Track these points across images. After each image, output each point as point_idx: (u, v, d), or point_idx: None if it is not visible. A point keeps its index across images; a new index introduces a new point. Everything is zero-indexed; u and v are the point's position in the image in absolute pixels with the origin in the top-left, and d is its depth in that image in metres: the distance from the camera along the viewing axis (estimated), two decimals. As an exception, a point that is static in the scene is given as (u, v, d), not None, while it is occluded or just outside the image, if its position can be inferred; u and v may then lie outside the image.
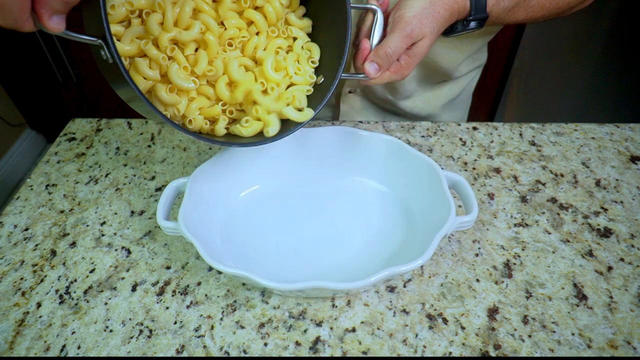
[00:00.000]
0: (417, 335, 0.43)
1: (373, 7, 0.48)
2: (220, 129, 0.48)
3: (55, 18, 0.29)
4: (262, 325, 0.44)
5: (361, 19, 0.51)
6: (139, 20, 0.43)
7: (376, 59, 0.47)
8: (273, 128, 0.46)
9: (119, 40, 0.42)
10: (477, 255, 0.50)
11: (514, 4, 0.53)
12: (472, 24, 0.52)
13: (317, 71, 0.51)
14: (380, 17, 0.48)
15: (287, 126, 0.48)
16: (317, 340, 0.43)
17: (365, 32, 0.50)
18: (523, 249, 0.50)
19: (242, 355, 0.42)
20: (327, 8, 0.49)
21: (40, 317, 0.45)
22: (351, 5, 0.47)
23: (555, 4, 0.56)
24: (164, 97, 0.43)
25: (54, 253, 0.51)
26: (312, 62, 0.50)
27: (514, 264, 0.49)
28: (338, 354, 0.42)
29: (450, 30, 0.53)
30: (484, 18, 0.52)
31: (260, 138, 0.47)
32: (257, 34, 0.49)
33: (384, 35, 0.49)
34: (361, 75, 0.49)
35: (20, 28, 0.29)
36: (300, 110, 0.48)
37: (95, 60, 0.39)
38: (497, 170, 0.60)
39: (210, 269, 0.49)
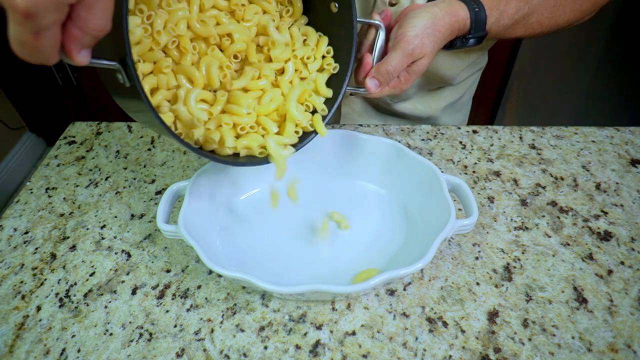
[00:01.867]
0: (417, 339, 0.43)
1: (377, 22, 0.48)
2: (228, 146, 0.46)
3: (83, 52, 0.30)
4: (262, 328, 0.44)
5: (362, 32, 0.51)
6: (150, 40, 0.43)
7: (377, 76, 0.48)
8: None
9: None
10: (477, 258, 0.50)
11: (513, 22, 0.54)
12: (471, 41, 0.53)
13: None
14: (382, 32, 0.49)
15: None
16: (317, 343, 0.43)
17: (367, 47, 0.50)
18: (523, 252, 0.50)
19: (242, 358, 0.42)
20: (333, 22, 0.49)
21: (40, 320, 0.45)
22: (357, 19, 0.47)
23: (554, 22, 0.57)
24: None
25: (54, 256, 0.51)
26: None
27: (514, 267, 0.49)
28: (338, 357, 0.42)
29: (449, 46, 0.54)
30: (482, 36, 0.53)
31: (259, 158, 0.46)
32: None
33: (384, 50, 0.49)
34: (362, 89, 0.50)
35: (47, 63, 0.29)
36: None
37: (104, 82, 0.38)
38: (497, 174, 0.60)
39: (210, 272, 0.49)
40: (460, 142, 0.65)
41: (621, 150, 0.63)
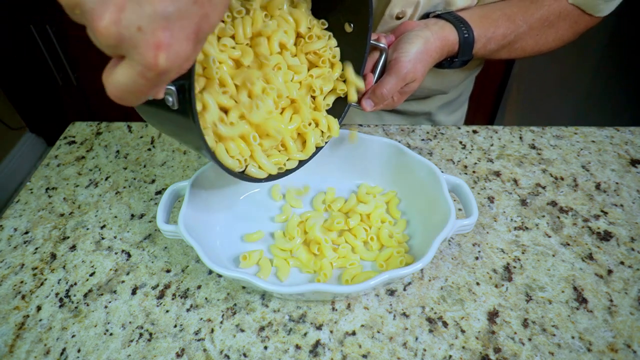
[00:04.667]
0: (417, 339, 0.43)
1: (383, 46, 0.50)
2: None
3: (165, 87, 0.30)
4: (262, 328, 0.44)
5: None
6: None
7: (372, 98, 0.51)
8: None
9: None
10: (477, 258, 0.50)
11: (499, 47, 0.57)
12: (457, 63, 0.56)
13: None
14: (385, 55, 0.51)
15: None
16: (317, 343, 0.43)
17: (369, 66, 0.52)
18: (523, 252, 0.50)
19: (242, 358, 0.42)
20: (343, 40, 0.50)
21: (40, 320, 0.45)
22: (370, 41, 0.49)
23: (537, 49, 0.60)
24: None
25: (54, 256, 0.51)
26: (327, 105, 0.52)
27: (514, 267, 0.49)
28: (338, 357, 0.42)
29: (437, 66, 0.56)
30: (468, 59, 0.56)
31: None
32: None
33: (382, 72, 0.52)
34: (357, 106, 0.52)
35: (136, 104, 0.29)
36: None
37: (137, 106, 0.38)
38: (497, 174, 0.60)
39: (210, 272, 0.49)
40: (460, 142, 0.65)
41: (621, 150, 0.63)
